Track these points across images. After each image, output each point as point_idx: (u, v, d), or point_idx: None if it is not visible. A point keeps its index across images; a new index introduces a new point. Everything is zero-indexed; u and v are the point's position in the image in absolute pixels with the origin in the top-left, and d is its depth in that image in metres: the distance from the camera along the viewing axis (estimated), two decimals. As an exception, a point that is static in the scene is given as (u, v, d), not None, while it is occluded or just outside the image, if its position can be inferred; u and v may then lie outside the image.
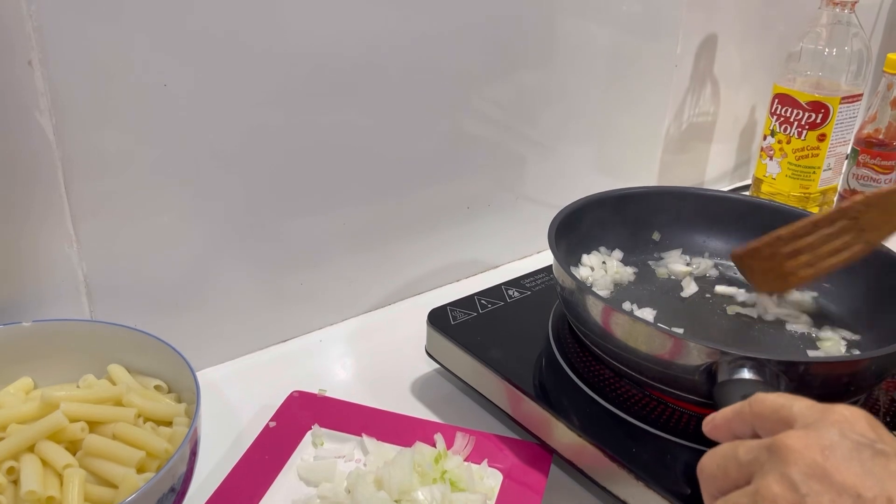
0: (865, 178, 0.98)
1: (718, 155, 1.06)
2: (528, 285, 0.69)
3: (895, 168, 0.96)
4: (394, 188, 0.72)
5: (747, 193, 0.97)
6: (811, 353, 0.59)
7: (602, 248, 0.70)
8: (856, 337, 0.62)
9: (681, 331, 0.59)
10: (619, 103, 0.89)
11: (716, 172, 1.08)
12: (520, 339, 0.61)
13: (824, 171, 0.88)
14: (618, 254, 0.70)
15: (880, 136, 0.96)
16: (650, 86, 0.92)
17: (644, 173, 0.98)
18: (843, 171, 0.98)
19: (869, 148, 0.96)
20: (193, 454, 0.45)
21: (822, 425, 0.33)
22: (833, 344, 0.61)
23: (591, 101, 0.86)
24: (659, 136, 0.96)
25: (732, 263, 0.65)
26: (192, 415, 0.45)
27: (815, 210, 0.91)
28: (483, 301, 0.66)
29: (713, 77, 0.98)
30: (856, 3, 0.83)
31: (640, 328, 0.51)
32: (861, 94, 0.86)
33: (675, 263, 0.70)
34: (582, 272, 0.67)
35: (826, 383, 0.49)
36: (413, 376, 0.66)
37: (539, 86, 0.80)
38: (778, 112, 0.88)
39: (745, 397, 0.43)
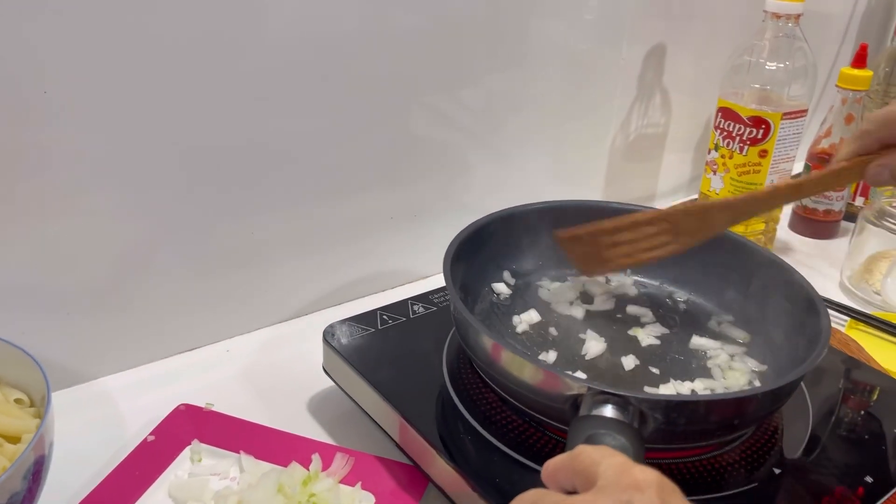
0: (818, 195, 0.95)
1: (672, 166, 1.04)
2: (435, 300, 0.67)
3: (846, 187, 0.94)
4: (317, 196, 0.71)
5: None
6: (704, 384, 0.57)
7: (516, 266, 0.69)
8: (763, 367, 0.60)
9: (553, 356, 0.59)
10: (572, 110, 0.88)
11: (670, 184, 1.06)
12: (414, 359, 0.60)
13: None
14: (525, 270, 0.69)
15: (834, 152, 0.94)
16: (598, 94, 0.90)
17: (592, 184, 0.96)
18: (795, 186, 0.96)
19: (821, 164, 0.94)
20: (36, 474, 0.44)
21: (611, 490, 0.31)
22: (739, 376, 0.59)
23: (546, 107, 0.85)
24: (604, 147, 0.94)
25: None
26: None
27: (760, 227, 0.89)
28: (385, 316, 0.64)
29: (663, 87, 0.96)
30: (799, 16, 0.81)
31: (508, 356, 0.50)
32: (805, 110, 0.84)
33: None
34: (501, 288, 0.66)
35: (693, 422, 0.47)
36: (312, 392, 0.65)
37: (497, 90, 0.79)
38: (721, 126, 0.86)
39: (589, 438, 0.42)
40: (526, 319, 0.63)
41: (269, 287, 0.72)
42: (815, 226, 0.97)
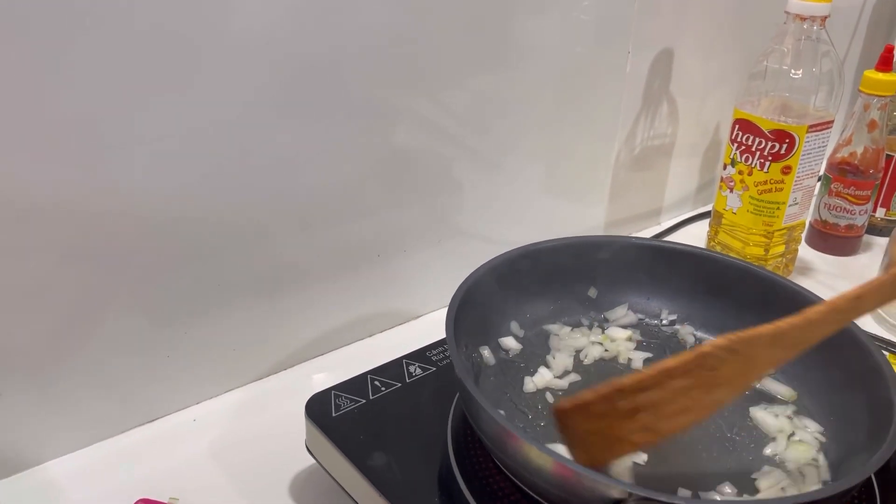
0: (838, 209, 0.88)
1: (679, 177, 0.96)
2: (434, 358, 0.59)
3: (870, 198, 0.87)
4: (292, 234, 0.62)
5: (698, 245, 0.87)
6: (771, 476, 0.49)
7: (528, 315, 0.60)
8: (821, 429, 0.52)
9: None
10: (572, 121, 0.79)
11: (676, 195, 0.98)
12: (413, 436, 0.51)
13: (790, 206, 0.78)
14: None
15: (855, 162, 0.86)
16: (601, 104, 0.82)
17: (594, 199, 0.88)
18: (814, 200, 0.88)
19: (842, 175, 0.87)
20: None
21: None
22: (804, 450, 0.51)
23: (542, 118, 0.76)
24: (609, 158, 0.86)
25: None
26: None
27: (780, 249, 0.81)
28: (377, 382, 0.56)
29: (670, 95, 0.87)
30: (826, 18, 0.72)
31: (534, 454, 0.41)
32: (832, 121, 0.76)
33: (617, 329, 0.61)
34: (510, 343, 0.58)
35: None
36: (295, 469, 0.56)
37: (485, 96, 0.70)
38: (739, 140, 0.78)
39: None
40: (539, 382, 0.55)
41: (238, 340, 0.62)
42: (837, 242, 0.89)
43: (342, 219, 0.65)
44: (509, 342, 0.58)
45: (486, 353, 0.56)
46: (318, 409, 0.53)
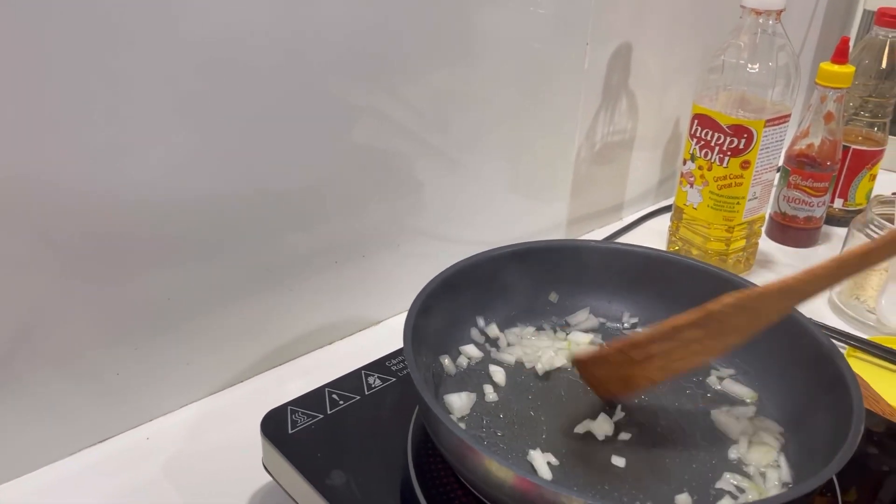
0: (797, 201, 0.88)
1: (640, 171, 0.96)
2: (393, 368, 0.57)
3: (828, 190, 0.87)
4: (241, 242, 0.60)
5: (659, 247, 0.87)
6: (733, 479, 0.48)
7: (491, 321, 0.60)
8: (781, 430, 0.52)
9: (552, 463, 0.48)
10: (532, 118, 0.78)
11: (638, 190, 0.97)
12: (373, 452, 0.50)
13: (749, 200, 0.78)
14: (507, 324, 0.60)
15: (813, 154, 0.87)
16: (561, 100, 0.81)
17: (556, 195, 0.87)
18: (773, 192, 0.89)
19: (800, 168, 0.87)
20: None
21: None
22: (766, 452, 0.50)
23: (502, 114, 0.75)
24: (570, 154, 0.85)
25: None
26: None
27: (741, 244, 0.81)
28: (335, 396, 0.54)
29: (629, 90, 0.87)
30: (781, 12, 0.72)
31: (494, 468, 0.40)
32: (789, 115, 0.76)
33: (579, 333, 0.61)
34: (471, 351, 0.57)
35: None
36: (254, 487, 0.54)
37: (444, 92, 0.68)
38: (698, 135, 0.78)
39: None
40: (491, 387, 0.55)
41: (192, 353, 0.60)
42: (796, 234, 0.90)
43: (299, 224, 0.63)
44: (470, 350, 0.57)
45: (446, 361, 0.55)
46: (274, 425, 0.51)
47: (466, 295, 0.57)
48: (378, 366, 0.57)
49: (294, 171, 0.60)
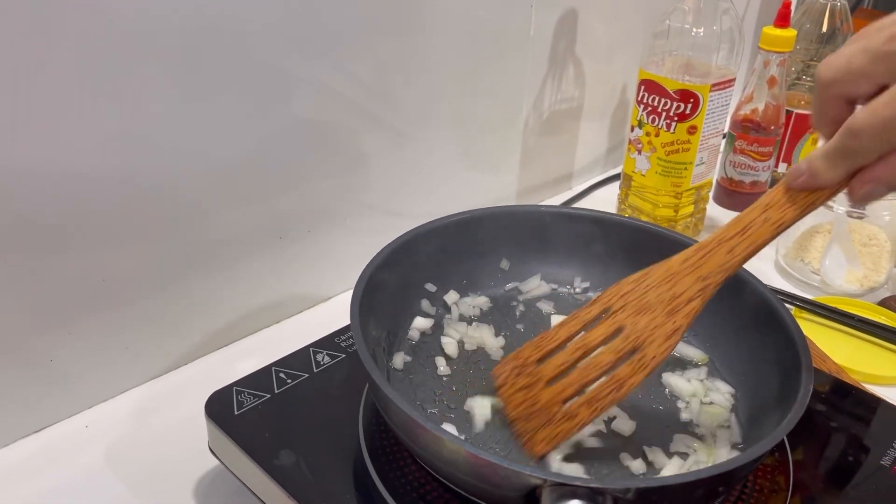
0: (743, 166, 0.89)
1: (588, 140, 0.95)
2: (343, 344, 0.56)
3: (772, 154, 0.88)
4: (179, 220, 0.57)
5: (608, 210, 0.87)
6: (684, 441, 0.48)
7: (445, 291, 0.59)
8: (732, 391, 0.52)
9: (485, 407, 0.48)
10: (479, 87, 0.77)
11: (587, 158, 0.97)
12: (322, 431, 0.48)
13: (697, 165, 0.78)
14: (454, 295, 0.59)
15: (757, 119, 0.87)
16: (507, 69, 0.79)
17: (505, 166, 0.86)
18: (720, 157, 0.89)
19: (745, 133, 0.88)
20: None
21: None
22: (717, 413, 0.50)
23: (449, 86, 0.73)
24: (518, 124, 0.84)
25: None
26: None
27: (689, 210, 0.81)
28: (282, 374, 0.53)
29: (576, 57, 0.86)
30: (725, -25, 0.72)
31: (447, 446, 0.39)
32: (733, 79, 0.76)
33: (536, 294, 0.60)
34: (421, 323, 0.56)
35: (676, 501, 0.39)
36: (200, 471, 0.52)
37: (390, 62, 0.67)
38: (645, 101, 0.77)
39: None
40: (444, 360, 0.54)
41: (131, 337, 0.58)
42: (742, 198, 0.91)
43: (239, 200, 0.60)
44: (420, 322, 0.56)
45: (398, 334, 0.54)
46: (219, 407, 0.49)
47: (415, 267, 0.56)
48: (327, 342, 0.56)
49: (231, 146, 0.58)
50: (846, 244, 0.75)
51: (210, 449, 0.50)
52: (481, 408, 0.49)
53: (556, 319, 0.58)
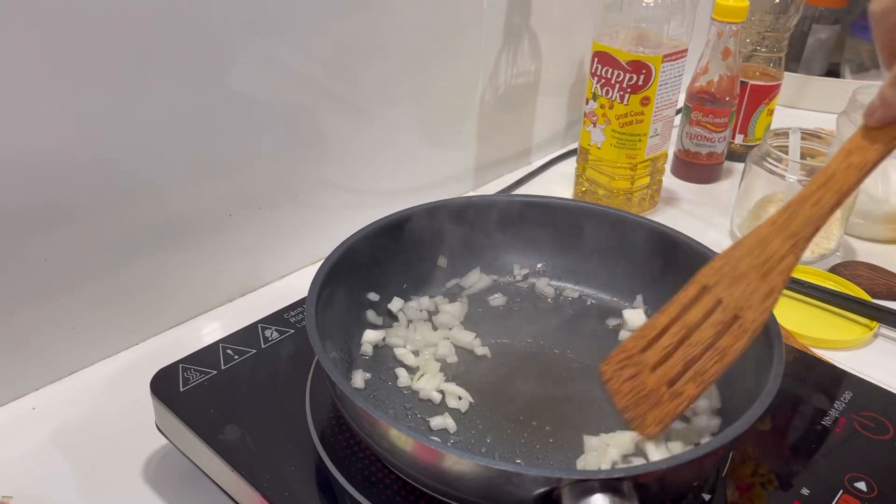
0: (699, 138, 0.89)
1: (546, 114, 0.95)
2: (292, 320, 0.55)
3: (727, 126, 0.88)
4: (117, 198, 0.56)
5: (563, 195, 0.87)
6: None
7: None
8: None
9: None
10: (434, 61, 0.76)
11: (545, 134, 0.97)
12: (270, 406, 0.48)
13: (651, 137, 0.78)
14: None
15: (712, 90, 0.88)
16: (462, 42, 0.79)
17: (462, 142, 0.85)
18: (676, 130, 0.90)
19: (701, 104, 0.88)
20: None
21: None
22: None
23: (406, 61, 0.72)
24: (473, 101, 0.83)
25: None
26: None
27: (646, 181, 0.82)
28: (229, 350, 0.52)
29: (531, 30, 0.86)
30: (675, -56, 0.72)
31: (449, 459, 0.38)
32: (685, 50, 0.76)
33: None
34: (371, 336, 0.54)
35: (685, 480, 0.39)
36: (148, 451, 0.52)
37: (346, 38, 0.66)
38: (598, 73, 0.77)
39: None
40: (404, 370, 0.52)
41: (75, 318, 0.57)
42: (699, 170, 0.91)
43: (186, 176, 0.59)
44: (370, 335, 0.54)
45: (352, 352, 0.53)
46: (165, 384, 0.49)
47: (354, 277, 0.53)
48: (275, 318, 0.55)
49: (177, 123, 0.57)
50: (798, 213, 0.76)
51: (157, 427, 0.50)
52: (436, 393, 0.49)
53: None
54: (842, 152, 0.42)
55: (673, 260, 0.55)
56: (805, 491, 0.44)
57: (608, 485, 0.36)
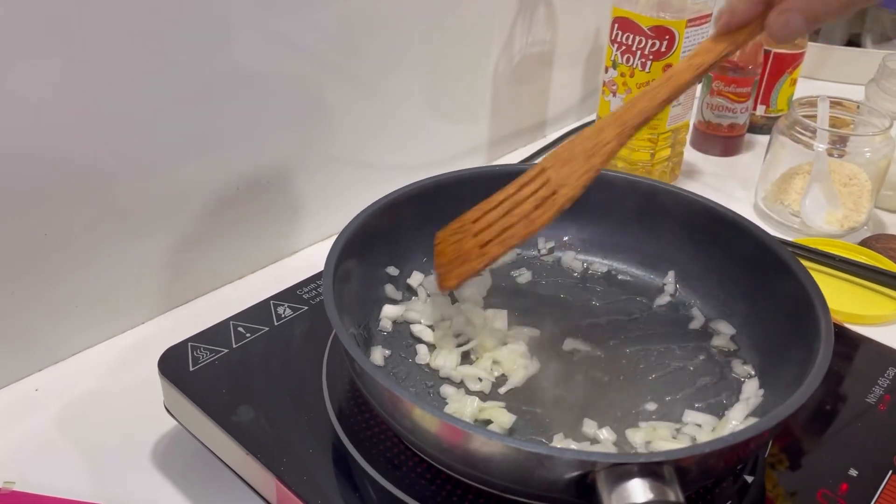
0: (721, 109, 0.86)
1: (561, 86, 0.92)
2: (305, 296, 0.53)
3: (750, 95, 0.85)
4: (128, 168, 0.54)
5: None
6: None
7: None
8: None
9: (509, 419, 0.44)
10: (446, 33, 0.73)
11: (561, 106, 0.94)
12: (284, 385, 0.46)
13: (673, 107, 0.75)
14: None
15: (735, 59, 0.84)
16: (475, 11, 0.76)
17: (476, 115, 0.82)
18: (697, 101, 0.87)
19: (723, 73, 0.85)
20: None
21: None
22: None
23: (415, 33, 0.69)
24: (487, 72, 0.80)
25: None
26: None
27: (666, 153, 0.79)
28: (240, 328, 0.50)
29: (546, -1, 0.82)
30: None
31: (478, 440, 0.35)
32: (710, 14, 0.73)
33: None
34: (391, 312, 0.52)
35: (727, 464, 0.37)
36: (157, 433, 0.50)
37: (351, 9, 0.63)
38: (619, 40, 0.74)
39: None
40: (424, 347, 0.50)
41: (80, 295, 0.54)
42: (720, 142, 0.88)
43: (194, 151, 0.57)
44: (389, 310, 0.51)
45: (370, 328, 0.50)
46: (174, 364, 0.46)
47: (373, 250, 0.51)
48: (288, 294, 0.53)
49: (185, 98, 0.54)
50: (826, 185, 0.73)
51: (166, 409, 0.47)
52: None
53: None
54: (688, 56, 0.44)
55: (707, 232, 0.53)
56: (853, 472, 0.42)
57: (647, 469, 0.33)
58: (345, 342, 0.38)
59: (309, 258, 0.68)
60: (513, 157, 0.87)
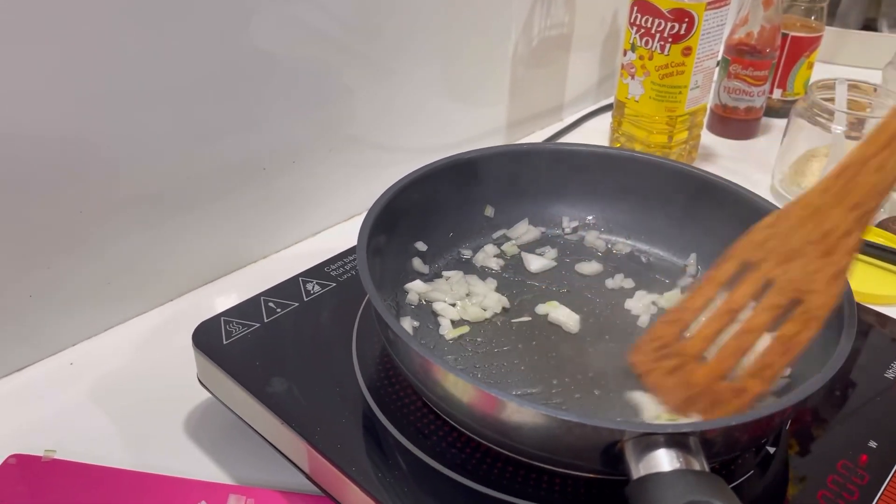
0: (738, 92, 0.87)
1: (580, 69, 0.93)
2: (333, 273, 0.54)
3: (767, 79, 0.86)
4: (157, 148, 0.55)
5: (600, 144, 0.85)
6: None
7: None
8: None
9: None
10: (462, 16, 0.74)
11: (578, 89, 0.94)
12: (315, 357, 0.47)
13: (691, 89, 0.76)
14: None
15: (752, 42, 0.85)
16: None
17: (493, 99, 0.83)
18: (714, 85, 0.87)
19: (740, 56, 0.85)
20: None
21: None
22: None
23: (433, 15, 0.70)
24: (506, 53, 0.81)
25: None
26: None
27: (684, 136, 0.79)
28: (271, 304, 0.51)
29: (565, -20, 0.83)
30: None
31: (493, 404, 0.36)
32: (730, -3, 0.73)
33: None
34: (418, 287, 0.52)
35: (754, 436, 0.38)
36: (190, 405, 0.51)
37: None
38: (637, 22, 0.75)
39: None
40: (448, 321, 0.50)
41: (113, 272, 0.56)
42: (737, 125, 0.89)
43: (220, 130, 0.58)
44: (417, 285, 0.52)
45: (398, 300, 0.51)
46: (207, 337, 0.48)
47: (401, 225, 0.51)
48: (316, 272, 0.54)
49: (204, 77, 0.55)
50: (844, 167, 0.73)
51: (199, 381, 0.49)
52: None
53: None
54: None
55: (731, 215, 0.53)
56: (872, 443, 0.43)
57: (674, 439, 0.34)
58: (379, 309, 0.39)
59: (334, 237, 0.69)
60: (530, 140, 0.88)
